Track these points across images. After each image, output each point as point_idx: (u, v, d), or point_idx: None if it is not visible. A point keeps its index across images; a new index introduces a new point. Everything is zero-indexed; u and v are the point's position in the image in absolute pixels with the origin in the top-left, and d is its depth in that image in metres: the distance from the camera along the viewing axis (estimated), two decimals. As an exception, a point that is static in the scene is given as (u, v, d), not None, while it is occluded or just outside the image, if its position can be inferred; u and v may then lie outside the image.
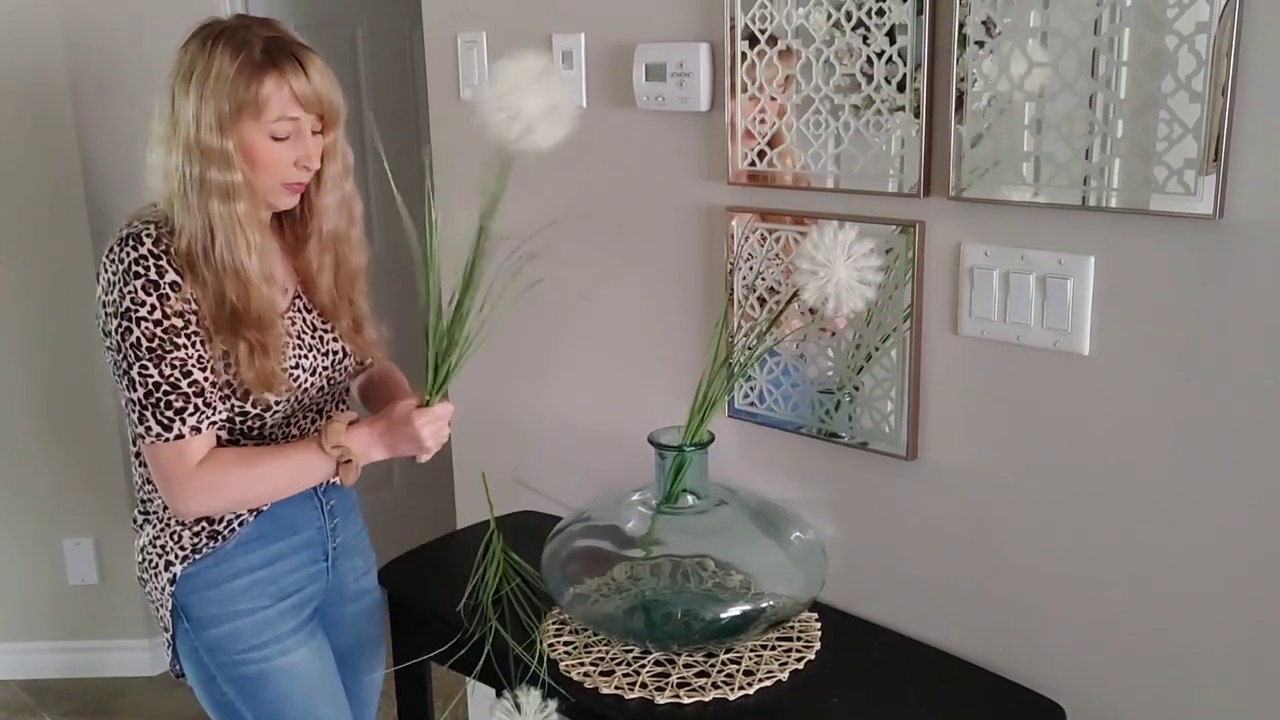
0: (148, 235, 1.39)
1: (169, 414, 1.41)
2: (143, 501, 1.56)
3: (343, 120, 1.49)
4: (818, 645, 1.53)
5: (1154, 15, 1.21)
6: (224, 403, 1.45)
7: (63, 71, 2.57)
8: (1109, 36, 1.26)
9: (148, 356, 1.39)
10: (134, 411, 1.42)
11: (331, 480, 1.53)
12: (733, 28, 1.59)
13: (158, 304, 1.38)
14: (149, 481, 1.52)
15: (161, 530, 1.53)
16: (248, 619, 1.53)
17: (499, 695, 1.45)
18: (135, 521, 1.59)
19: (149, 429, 1.41)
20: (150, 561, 1.54)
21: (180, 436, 1.42)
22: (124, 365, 1.41)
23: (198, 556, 1.51)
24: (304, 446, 1.50)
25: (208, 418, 1.44)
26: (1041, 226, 1.36)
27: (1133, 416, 1.33)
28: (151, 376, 1.40)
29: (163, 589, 1.52)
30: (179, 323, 1.40)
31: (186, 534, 1.51)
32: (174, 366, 1.40)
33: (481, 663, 1.53)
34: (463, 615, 1.61)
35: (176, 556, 1.51)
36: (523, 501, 1.93)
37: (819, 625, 1.58)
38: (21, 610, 2.90)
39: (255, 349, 1.43)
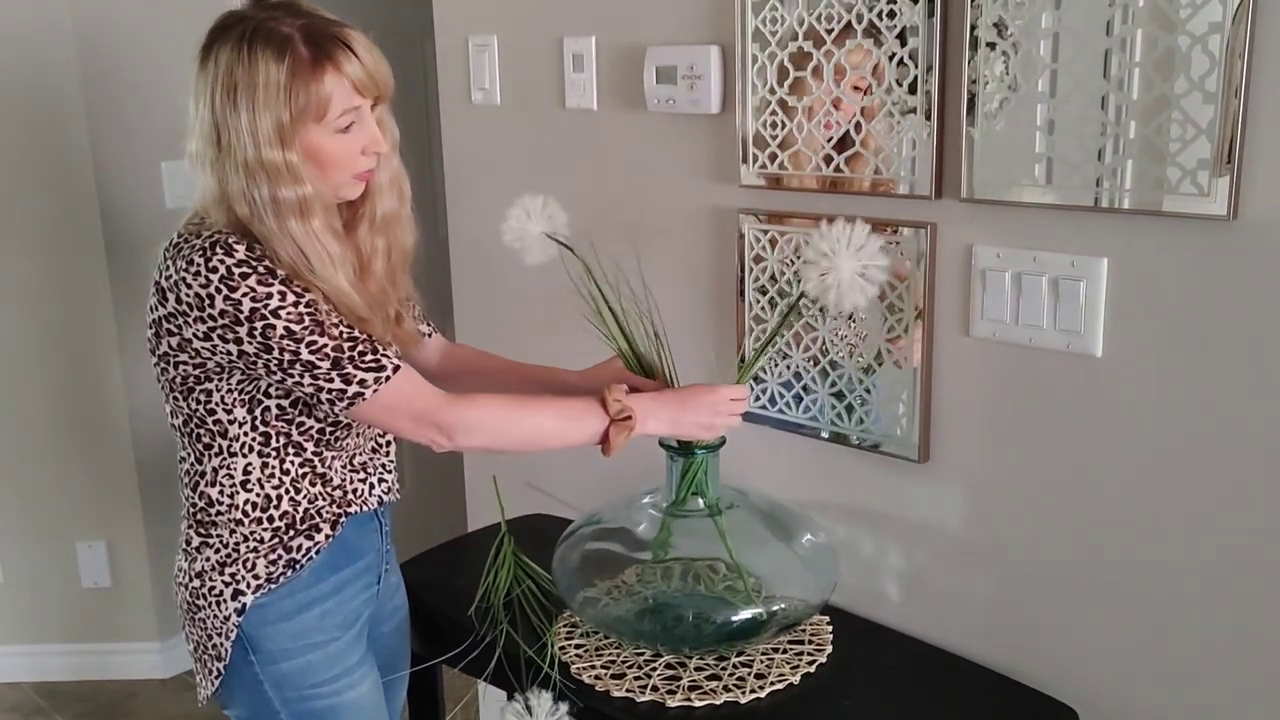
0: (237, 243, 1.28)
1: (370, 357, 1.31)
2: (202, 525, 1.43)
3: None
4: (829, 648, 1.53)
5: (1167, 16, 1.21)
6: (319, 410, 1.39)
7: (75, 73, 2.58)
8: (1121, 37, 1.25)
9: (309, 333, 1.29)
10: (333, 383, 1.30)
11: (597, 445, 1.41)
12: (743, 30, 1.60)
13: (285, 288, 1.28)
14: (214, 503, 1.41)
15: (229, 556, 1.42)
16: (321, 651, 1.46)
17: (510, 698, 1.45)
18: (190, 544, 1.45)
19: (363, 382, 1.31)
20: (212, 589, 1.42)
21: (396, 367, 1.33)
22: (288, 359, 1.29)
23: (273, 586, 1.42)
24: (578, 399, 1.41)
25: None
26: (1054, 228, 1.36)
27: (1146, 419, 1.33)
28: (327, 342, 1.29)
29: (226, 618, 1.42)
30: (315, 295, 1.30)
31: (261, 562, 1.41)
32: (338, 324, 1.31)
33: (493, 665, 1.54)
34: (474, 618, 1.61)
35: (248, 585, 1.41)
36: (534, 504, 1.92)
37: (830, 628, 1.58)
38: (34, 613, 2.91)
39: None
